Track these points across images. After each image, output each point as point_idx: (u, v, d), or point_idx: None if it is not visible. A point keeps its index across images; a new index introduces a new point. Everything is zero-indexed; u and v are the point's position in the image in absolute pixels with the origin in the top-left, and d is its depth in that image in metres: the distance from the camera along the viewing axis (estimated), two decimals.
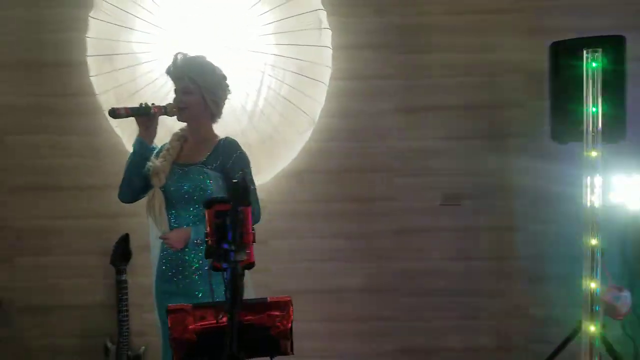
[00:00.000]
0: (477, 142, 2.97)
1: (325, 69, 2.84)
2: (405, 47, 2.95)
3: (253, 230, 1.36)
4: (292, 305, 1.45)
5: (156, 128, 2.18)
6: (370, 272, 3.01)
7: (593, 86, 2.33)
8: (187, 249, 2.11)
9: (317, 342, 3.02)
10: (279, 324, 1.40)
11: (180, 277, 2.13)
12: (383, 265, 3.01)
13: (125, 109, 2.07)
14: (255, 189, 2.23)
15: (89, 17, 2.78)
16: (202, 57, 2.20)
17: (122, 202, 2.21)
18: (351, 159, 2.98)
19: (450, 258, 3.01)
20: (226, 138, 2.22)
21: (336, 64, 2.89)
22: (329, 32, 2.84)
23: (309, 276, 3.01)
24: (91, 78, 2.82)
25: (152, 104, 2.13)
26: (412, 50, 2.95)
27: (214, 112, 2.22)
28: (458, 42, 2.93)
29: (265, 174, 2.89)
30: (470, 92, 2.95)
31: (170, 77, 2.18)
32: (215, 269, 1.35)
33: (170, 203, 2.14)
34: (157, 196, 2.13)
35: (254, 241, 1.36)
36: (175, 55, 2.16)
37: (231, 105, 2.74)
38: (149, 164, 2.14)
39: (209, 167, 2.13)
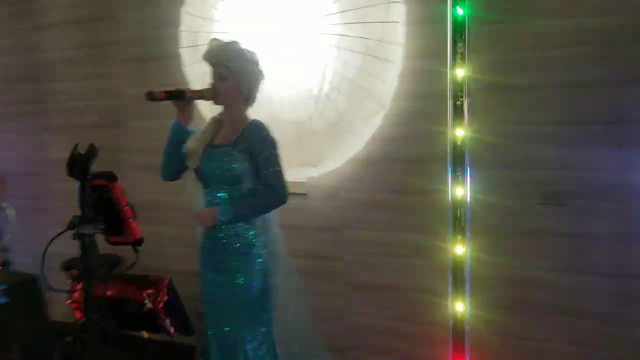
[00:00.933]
0: (590, 129, 2.38)
1: (395, 46, 2.57)
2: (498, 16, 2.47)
3: (127, 205, 1.35)
4: (168, 286, 1.41)
5: (192, 111, 2.27)
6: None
7: None
8: (219, 228, 2.19)
9: (386, 342, 2.86)
10: (149, 302, 1.38)
11: (213, 253, 2.25)
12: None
13: (161, 92, 2.15)
14: (281, 170, 2.18)
15: (182, 12, 3.00)
16: (236, 43, 2.20)
17: (164, 180, 2.36)
18: (431, 147, 2.67)
19: (557, 269, 2.49)
20: (253, 120, 2.22)
21: (412, 41, 2.59)
22: (402, 6, 2.55)
23: (382, 270, 2.83)
24: (183, 68, 3.06)
25: (189, 89, 2.21)
26: (496, 20, 2.46)
27: (247, 97, 2.22)
28: (563, 4, 2.35)
29: (334, 161, 2.78)
30: (581, 65, 2.36)
31: (207, 62, 2.24)
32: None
33: (205, 183, 2.24)
34: (189, 177, 2.25)
35: (134, 217, 1.36)
36: (210, 42, 2.21)
37: (298, 91, 2.72)
38: (185, 145, 2.24)
39: (237, 149, 2.16)
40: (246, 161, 2.15)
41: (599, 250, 2.42)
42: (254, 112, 2.28)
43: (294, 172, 2.86)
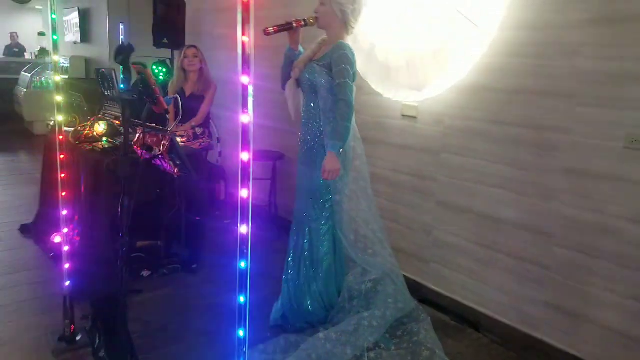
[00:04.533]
0: None
1: None
2: None
3: (155, 85, 1.99)
4: (170, 139, 2.03)
5: (299, 37, 2.74)
6: (532, 209, 2.68)
7: None
8: (306, 130, 2.73)
9: (466, 261, 3.02)
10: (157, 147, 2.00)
11: (303, 149, 2.79)
12: (546, 206, 2.62)
13: (274, 27, 2.55)
14: (348, 83, 2.53)
15: None
16: None
17: (282, 89, 2.94)
18: (531, 79, 2.62)
19: (631, 219, 2.32)
20: (340, 42, 2.61)
21: None
22: None
23: (472, 196, 2.95)
24: None
25: (295, 19, 2.63)
26: None
27: (342, 19, 2.61)
28: None
29: (438, 86, 2.96)
30: None
31: None
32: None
33: (303, 91, 2.77)
34: (290, 84, 2.81)
35: (161, 94, 2.00)
36: None
37: (411, 20, 2.96)
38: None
39: (320, 64, 2.62)
40: (325, 74, 2.58)
41: None
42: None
43: (404, 94, 3.16)
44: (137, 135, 2.80)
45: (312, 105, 2.70)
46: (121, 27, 5.12)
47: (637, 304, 2.33)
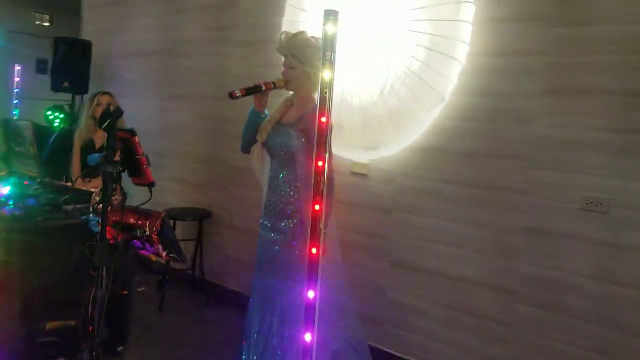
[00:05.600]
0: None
1: (460, 44, 2.70)
2: (561, 18, 2.50)
3: (142, 155, 1.74)
4: (162, 220, 1.77)
5: (267, 100, 2.58)
6: (492, 267, 2.76)
7: None
8: (274, 194, 2.56)
9: (424, 322, 3.00)
10: (147, 229, 1.76)
11: (270, 215, 2.60)
12: (506, 264, 2.72)
13: (241, 90, 2.42)
14: (332, 154, 2.47)
15: (286, 3, 3.40)
16: (302, 33, 2.52)
17: (243, 152, 2.75)
18: (485, 142, 2.75)
19: (586, 275, 2.48)
20: (315, 105, 2.50)
21: (479, 39, 2.71)
22: (471, 6, 2.68)
23: (428, 255, 2.97)
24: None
25: (263, 81, 2.51)
26: (568, 23, 2.48)
27: (314, 82, 2.51)
28: (629, 11, 2.32)
29: (392, 147, 2.98)
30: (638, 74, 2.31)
31: (279, 53, 2.58)
32: None
33: (270, 154, 2.59)
34: (257, 149, 2.62)
35: (148, 164, 1.74)
36: (280, 35, 2.55)
37: (366, 80, 2.97)
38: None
39: (295, 128, 2.48)
40: (302, 139, 2.45)
41: (634, 262, 2.37)
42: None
43: (358, 154, 3.13)
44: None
45: (283, 169, 2.54)
46: (17, 68, 4.49)
47: (599, 355, 2.47)
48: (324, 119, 1.45)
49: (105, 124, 1.91)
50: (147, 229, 2.02)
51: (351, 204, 3.24)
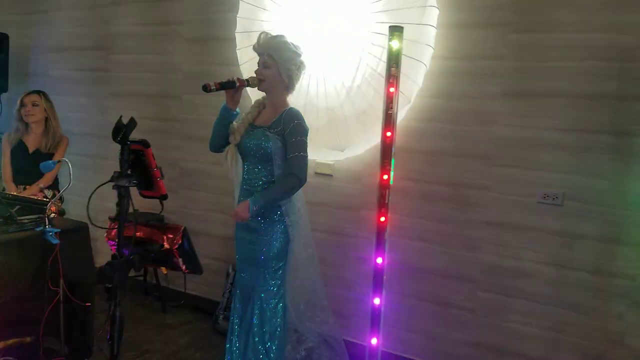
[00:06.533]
0: (595, 138, 2.58)
1: (425, 48, 2.83)
2: (521, 25, 2.71)
3: (157, 167, 1.70)
4: (183, 233, 1.74)
5: (240, 97, 2.56)
6: (455, 259, 2.94)
7: None
8: (250, 195, 2.51)
9: (390, 312, 3.11)
10: (167, 243, 1.72)
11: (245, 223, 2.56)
12: (469, 255, 2.91)
13: (215, 83, 2.41)
14: (305, 156, 2.47)
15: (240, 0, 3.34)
16: (281, 36, 2.51)
17: (211, 151, 2.69)
18: (449, 142, 2.92)
19: (543, 262, 2.73)
20: (290, 108, 2.51)
21: (443, 43, 2.85)
22: (436, 11, 2.81)
23: (394, 250, 3.08)
24: (237, 51, 3.40)
25: (237, 78, 2.52)
26: (528, 29, 2.70)
27: (287, 84, 2.52)
28: (584, 20, 2.56)
29: (359, 147, 3.06)
30: (593, 79, 2.56)
31: (255, 52, 2.56)
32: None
33: (243, 156, 2.57)
34: (230, 151, 2.58)
35: (162, 177, 1.70)
36: (259, 35, 2.52)
37: (332, 81, 3.01)
38: (232, 124, 2.59)
39: (272, 131, 2.47)
40: (278, 142, 2.45)
41: (583, 248, 2.64)
42: (292, 98, 2.60)
43: (324, 154, 3.17)
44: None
45: (257, 171, 2.53)
46: None
47: (555, 334, 2.73)
48: (389, 134, 1.48)
49: (120, 137, 1.80)
50: (167, 243, 1.94)
51: (317, 204, 3.28)
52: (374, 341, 1.52)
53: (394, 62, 1.63)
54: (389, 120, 1.54)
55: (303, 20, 3.05)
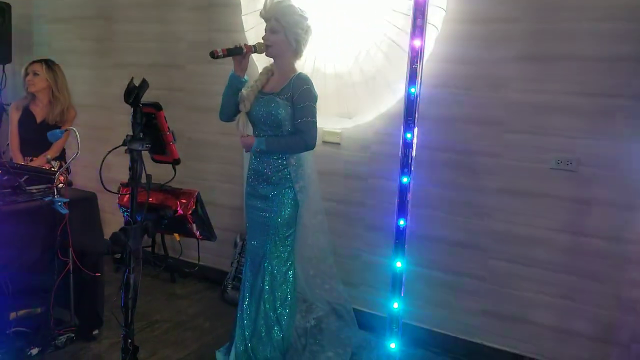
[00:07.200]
0: (611, 102, 2.51)
1: (437, 10, 2.73)
2: None
3: (169, 131, 1.66)
4: (197, 198, 1.71)
5: (247, 64, 2.54)
6: (466, 227, 2.91)
7: None
8: (261, 162, 2.55)
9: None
10: (180, 209, 1.69)
11: (256, 183, 2.60)
12: (480, 223, 2.87)
13: (223, 50, 2.40)
14: (313, 121, 2.45)
15: None
16: (288, 0, 2.46)
17: (221, 120, 2.67)
18: (459, 108, 2.85)
19: (556, 229, 2.69)
20: (299, 73, 2.47)
21: (455, 5, 2.76)
22: None
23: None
24: (242, 17, 3.31)
25: (244, 44, 2.48)
26: None
27: (295, 49, 2.48)
28: None
29: (368, 115, 3.00)
30: (613, 41, 2.48)
31: (262, 18, 2.50)
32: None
33: (253, 124, 2.57)
34: (241, 118, 2.56)
35: (174, 140, 1.66)
36: (265, 0, 2.47)
37: (341, 46, 2.93)
38: (241, 92, 2.55)
39: (281, 97, 2.45)
40: (289, 108, 2.43)
41: (597, 215, 2.59)
42: (299, 65, 2.55)
43: (332, 122, 3.11)
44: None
45: (266, 136, 2.52)
46: None
47: (567, 301, 2.70)
48: (413, 90, 1.42)
49: (132, 99, 1.76)
50: (180, 208, 1.91)
51: (325, 173, 3.23)
52: (396, 305, 1.51)
53: (419, 12, 1.57)
54: (413, 76, 1.51)
55: None
